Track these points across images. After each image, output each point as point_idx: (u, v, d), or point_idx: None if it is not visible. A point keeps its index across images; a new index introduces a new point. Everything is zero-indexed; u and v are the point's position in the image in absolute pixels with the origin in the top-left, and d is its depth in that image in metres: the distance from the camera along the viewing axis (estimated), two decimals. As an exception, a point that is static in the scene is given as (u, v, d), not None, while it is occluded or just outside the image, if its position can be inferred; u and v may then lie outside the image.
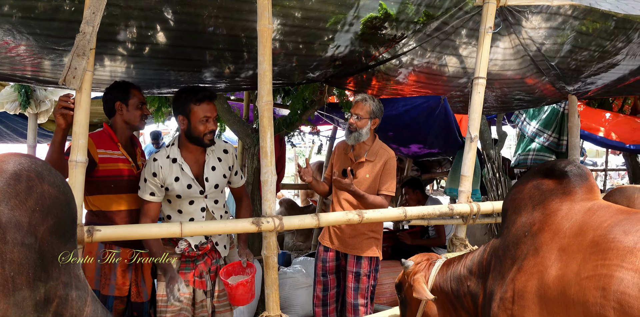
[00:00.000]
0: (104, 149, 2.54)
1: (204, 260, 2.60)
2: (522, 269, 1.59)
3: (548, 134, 4.95)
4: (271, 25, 2.10)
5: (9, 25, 2.10)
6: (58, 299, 1.25)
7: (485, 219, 2.90)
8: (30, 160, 1.26)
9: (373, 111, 3.00)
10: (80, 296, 1.35)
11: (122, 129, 2.65)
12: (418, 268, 2.18)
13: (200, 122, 2.44)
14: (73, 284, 1.33)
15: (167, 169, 2.47)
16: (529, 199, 1.72)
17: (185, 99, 2.44)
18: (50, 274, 1.23)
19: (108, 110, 2.65)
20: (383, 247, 4.84)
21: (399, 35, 2.78)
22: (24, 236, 1.14)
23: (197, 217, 2.58)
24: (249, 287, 2.41)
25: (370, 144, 3.08)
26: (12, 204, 1.15)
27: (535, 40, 2.99)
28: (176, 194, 2.51)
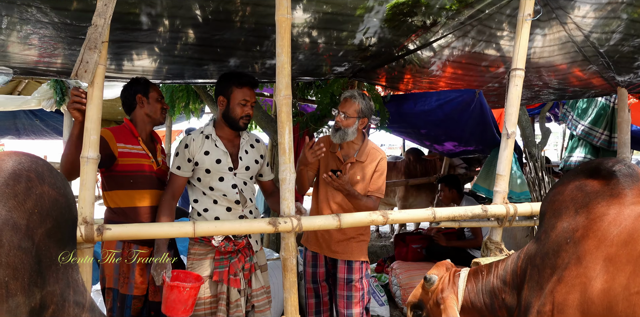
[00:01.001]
0: (124, 143, 2.51)
1: (238, 257, 2.53)
2: (563, 280, 1.41)
3: (599, 132, 4.63)
4: (289, 15, 1.99)
5: (28, 14, 2.07)
6: (54, 305, 1.19)
7: (523, 222, 2.68)
8: (31, 159, 1.21)
9: (362, 110, 2.77)
10: (78, 303, 1.29)
11: (143, 123, 2.65)
12: (442, 284, 1.96)
13: (239, 105, 2.53)
14: (71, 289, 1.27)
15: (199, 143, 2.53)
16: (571, 201, 1.52)
17: (228, 81, 2.55)
18: (47, 280, 1.17)
19: (128, 105, 2.66)
20: (416, 248, 4.71)
21: (430, 22, 2.61)
22: (21, 239, 1.08)
23: (229, 194, 2.51)
24: (185, 296, 2.19)
25: (360, 144, 2.86)
26: (10, 205, 1.10)
27: (581, 27, 2.76)
28: (205, 169, 2.50)
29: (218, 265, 2.50)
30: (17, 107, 5.06)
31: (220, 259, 2.50)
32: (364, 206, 2.67)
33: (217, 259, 2.50)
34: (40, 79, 5.07)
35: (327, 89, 3.75)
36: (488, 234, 4.29)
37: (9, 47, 2.48)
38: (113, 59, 2.81)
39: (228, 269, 2.50)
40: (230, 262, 2.51)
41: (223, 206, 2.52)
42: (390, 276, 4.40)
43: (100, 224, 1.79)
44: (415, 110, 3.68)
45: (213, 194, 2.52)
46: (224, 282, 2.48)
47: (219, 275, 2.48)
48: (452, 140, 4.30)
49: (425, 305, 2.03)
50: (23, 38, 2.35)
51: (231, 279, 2.49)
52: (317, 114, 4.03)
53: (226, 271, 2.49)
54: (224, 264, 2.50)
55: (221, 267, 2.49)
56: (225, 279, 2.48)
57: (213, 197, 2.52)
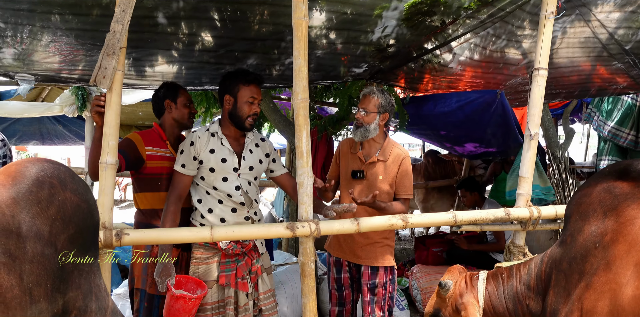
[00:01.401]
0: (152, 147, 2.57)
1: (245, 260, 2.49)
2: (592, 286, 1.35)
3: (626, 133, 4.50)
4: (306, 17, 1.97)
5: (48, 22, 2.10)
6: (76, 310, 1.21)
7: (547, 225, 2.61)
8: (53, 166, 1.23)
9: (382, 105, 2.68)
10: (100, 308, 1.31)
11: (171, 128, 2.71)
12: (460, 289, 1.88)
13: (246, 103, 2.46)
14: (93, 295, 1.28)
15: (204, 140, 2.47)
16: (599, 204, 1.46)
17: (234, 79, 2.48)
18: (69, 285, 1.19)
19: (157, 110, 2.73)
20: (437, 252, 4.64)
21: (449, 21, 2.57)
22: (44, 246, 1.10)
23: (234, 196, 2.46)
24: (189, 306, 2.18)
25: (382, 142, 2.76)
26: (33, 212, 1.11)
27: (605, 24, 2.68)
28: (210, 167, 2.44)
29: (224, 268, 2.44)
30: (41, 113, 5.15)
31: (226, 262, 2.44)
32: (392, 212, 2.56)
33: (223, 262, 2.44)
34: (63, 86, 5.15)
35: (345, 92, 3.72)
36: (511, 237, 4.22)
37: (30, 55, 2.53)
38: (131, 65, 2.84)
39: (235, 272, 2.44)
40: (237, 265, 2.45)
41: (228, 206, 2.46)
42: (410, 279, 4.34)
43: (119, 229, 1.80)
44: (435, 111, 3.63)
45: (217, 193, 2.46)
46: (231, 286, 2.42)
47: (225, 278, 2.41)
48: (473, 142, 4.22)
49: (444, 313, 1.94)
50: (44, 46, 2.39)
51: (239, 283, 2.43)
52: (335, 116, 4.01)
53: (233, 274, 2.43)
54: (231, 267, 2.44)
55: (228, 271, 2.43)
56: (232, 283, 2.42)
57: (218, 197, 2.46)
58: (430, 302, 2.02)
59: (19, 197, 1.10)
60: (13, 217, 1.06)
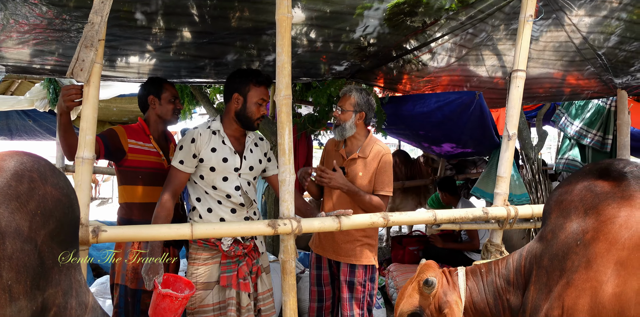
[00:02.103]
0: (135, 140, 2.56)
1: (245, 260, 2.44)
2: (573, 283, 1.38)
3: (593, 134, 4.62)
4: (290, 14, 1.96)
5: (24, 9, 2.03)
6: (56, 307, 1.18)
7: (523, 224, 2.66)
8: (33, 159, 1.19)
9: (358, 103, 2.71)
10: (81, 304, 1.28)
11: (156, 123, 2.69)
12: (443, 287, 1.85)
13: (255, 104, 2.43)
14: (73, 291, 1.25)
15: (206, 138, 2.41)
16: (580, 201, 1.49)
17: (246, 78, 2.43)
18: (49, 282, 1.15)
19: (142, 105, 2.70)
20: (413, 250, 4.68)
21: (429, 22, 2.59)
22: (24, 242, 1.07)
23: (234, 196, 2.42)
24: (176, 306, 2.12)
25: (363, 140, 2.78)
26: (12, 206, 1.08)
27: (580, 28, 2.75)
28: (210, 166, 2.39)
29: (225, 269, 2.39)
30: (10, 107, 4.98)
31: (227, 263, 2.40)
32: (368, 203, 2.60)
33: (224, 263, 2.40)
34: (34, 79, 5.00)
35: (325, 90, 3.71)
36: (486, 236, 4.28)
37: (1, 42, 2.43)
38: (107, 57, 2.77)
39: (237, 273, 2.39)
40: (239, 265, 2.41)
41: (228, 207, 2.43)
42: (387, 278, 4.37)
43: (95, 225, 1.75)
44: (414, 112, 3.66)
45: (216, 193, 2.42)
46: (232, 286, 2.37)
47: (227, 279, 2.37)
48: (451, 142, 4.28)
49: (425, 311, 1.88)
50: (17, 34, 2.30)
51: (241, 283, 2.39)
52: (315, 115, 4.00)
53: (235, 275, 2.39)
54: (232, 268, 2.40)
55: (229, 272, 2.39)
56: (234, 284, 2.37)
57: (217, 198, 2.42)
58: (409, 300, 1.93)
59: None
60: None
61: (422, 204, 6.19)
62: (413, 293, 1.94)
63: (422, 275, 1.93)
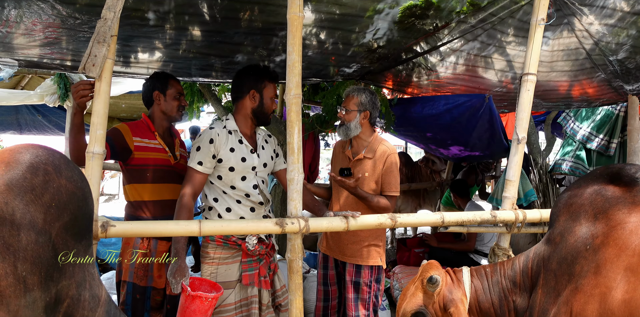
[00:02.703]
0: (140, 138, 2.52)
1: (265, 258, 2.46)
2: (581, 289, 1.37)
3: (600, 138, 4.59)
4: (302, 13, 1.96)
5: (36, 7, 2.04)
6: (69, 299, 1.19)
7: (531, 228, 2.64)
8: (47, 152, 1.20)
9: (362, 103, 2.73)
10: (94, 296, 1.28)
11: (160, 120, 2.65)
12: (448, 285, 1.83)
13: (271, 100, 2.48)
14: (87, 283, 1.26)
15: (224, 139, 2.39)
16: (590, 205, 1.48)
17: (261, 75, 2.45)
18: (63, 274, 1.16)
19: (146, 101, 2.66)
20: (418, 253, 4.66)
21: (441, 25, 2.58)
22: (38, 234, 1.08)
23: (252, 195, 2.41)
24: (205, 307, 2.10)
25: (368, 140, 2.78)
26: (27, 198, 1.09)
27: (592, 34, 2.73)
28: (229, 167, 2.38)
29: (247, 268, 2.38)
30: (20, 102, 5.01)
31: (248, 262, 2.39)
32: (376, 206, 2.60)
33: (245, 262, 2.39)
34: (44, 74, 5.03)
35: (334, 91, 3.71)
36: (492, 240, 4.26)
37: (14, 39, 2.45)
38: (119, 54, 2.78)
39: (258, 271, 2.40)
40: (260, 264, 2.41)
41: (247, 206, 2.42)
42: (392, 280, 4.36)
43: (104, 220, 1.76)
44: (423, 113, 3.65)
45: (235, 193, 2.40)
46: (254, 284, 2.38)
47: (249, 278, 2.37)
48: (459, 145, 4.26)
49: (429, 310, 1.85)
50: (29, 31, 2.32)
51: (262, 281, 2.40)
52: (323, 116, 4.00)
53: (256, 273, 2.39)
54: (254, 267, 2.40)
55: (251, 270, 2.39)
56: (256, 282, 2.38)
57: (235, 197, 2.41)
58: (413, 299, 1.91)
59: (12, 183, 1.07)
60: (7, 204, 1.03)
61: (422, 205, 6.19)
62: (416, 292, 1.91)
63: (425, 274, 1.90)
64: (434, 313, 1.85)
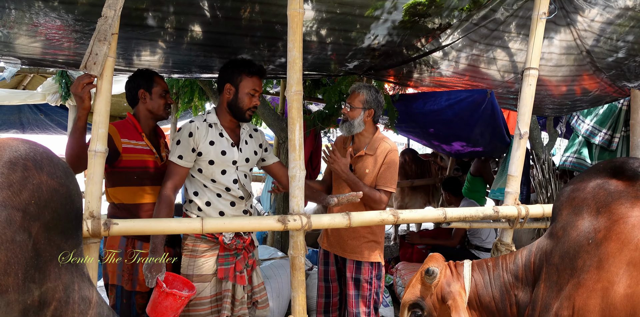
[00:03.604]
0: (128, 139, 2.45)
1: (242, 254, 2.46)
2: (583, 284, 1.37)
3: (603, 132, 4.58)
4: (302, 9, 1.95)
5: (37, 8, 2.04)
6: (56, 302, 1.13)
7: (533, 224, 2.64)
8: (28, 147, 1.15)
9: (367, 101, 2.73)
10: (84, 298, 1.24)
11: (146, 119, 2.58)
12: (446, 277, 1.83)
13: (247, 95, 2.42)
14: (76, 285, 1.21)
15: (203, 132, 2.39)
16: (593, 199, 1.48)
17: (238, 68, 2.41)
18: (47, 275, 1.11)
19: (131, 99, 2.59)
20: (421, 249, 4.67)
21: (444, 24, 2.57)
22: (15, 232, 1.03)
23: (232, 189, 2.42)
24: (177, 304, 2.10)
25: (370, 137, 2.79)
26: (3, 195, 1.04)
27: (594, 33, 2.71)
28: (209, 160, 2.38)
29: (223, 262, 2.40)
30: (22, 101, 5.03)
31: (225, 256, 2.41)
32: (368, 195, 2.58)
33: (222, 256, 2.41)
34: (46, 74, 5.04)
35: (335, 87, 3.71)
36: (491, 235, 4.26)
37: (17, 39, 2.45)
38: (118, 52, 2.77)
39: (234, 266, 2.41)
40: (236, 258, 2.43)
41: (227, 200, 2.43)
42: (395, 276, 4.36)
43: (107, 219, 1.76)
44: (425, 109, 3.65)
45: (215, 186, 2.41)
46: (229, 279, 2.39)
47: (224, 272, 2.39)
48: (461, 141, 4.25)
49: (427, 302, 1.87)
50: (31, 31, 2.33)
51: (237, 276, 2.41)
52: (325, 112, 3.99)
53: (232, 267, 2.41)
54: (230, 261, 2.41)
55: (226, 264, 2.40)
56: (231, 276, 2.39)
57: (216, 191, 2.41)
58: (412, 290, 1.93)
59: None
60: None
61: (431, 202, 6.18)
62: (416, 283, 1.94)
63: (425, 266, 1.92)
64: (431, 305, 1.85)
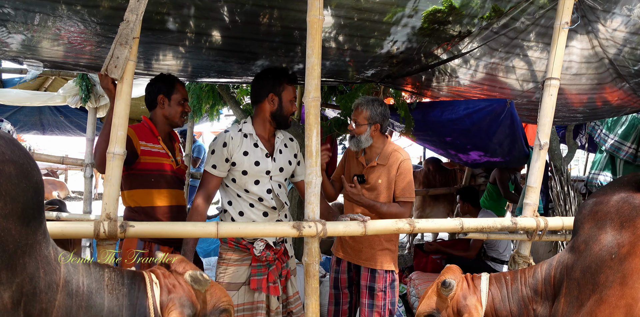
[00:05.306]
0: (145, 142, 2.48)
1: (275, 264, 2.43)
2: (606, 300, 1.33)
3: (627, 146, 4.50)
4: (322, 16, 1.96)
5: (59, 11, 2.07)
6: (25, 297, 1.03)
7: (552, 236, 2.59)
8: None
9: (371, 116, 2.72)
10: (51, 284, 1.11)
11: (162, 124, 2.61)
12: (462, 290, 1.80)
13: (290, 102, 2.46)
14: (41, 271, 1.08)
15: (237, 142, 2.39)
16: (617, 213, 1.44)
17: (279, 77, 2.44)
18: (15, 270, 0.99)
19: (149, 102, 2.62)
20: (436, 259, 4.61)
21: (464, 31, 2.55)
22: None
23: (265, 200, 2.41)
24: None
25: (381, 147, 2.78)
26: None
27: (617, 42, 2.67)
28: (242, 170, 2.37)
29: (256, 272, 2.38)
30: (43, 103, 5.11)
31: (257, 266, 2.39)
32: (387, 213, 2.58)
33: (254, 266, 2.39)
34: (67, 76, 5.12)
35: (353, 94, 3.70)
36: (509, 248, 4.20)
37: (40, 42, 2.50)
38: (138, 56, 2.80)
39: (267, 277, 2.38)
40: (269, 269, 2.40)
41: (260, 210, 2.42)
42: (408, 286, 4.31)
43: (124, 221, 1.77)
44: (442, 118, 3.61)
45: (248, 196, 2.41)
46: (262, 290, 2.37)
47: (257, 283, 2.36)
48: (478, 150, 4.21)
49: (441, 315, 1.84)
50: (54, 34, 2.36)
51: (270, 287, 2.38)
52: (341, 119, 3.99)
53: (265, 278, 2.38)
54: (262, 272, 2.39)
55: (259, 275, 2.38)
56: (264, 287, 2.37)
57: (249, 200, 2.41)
58: (427, 301, 1.90)
59: None
60: None
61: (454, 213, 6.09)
62: (431, 295, 1.90)
63: (441, 277, 1.88)
64: (451, 315, 1.82)
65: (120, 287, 1.32)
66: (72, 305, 1.17)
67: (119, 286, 1.32)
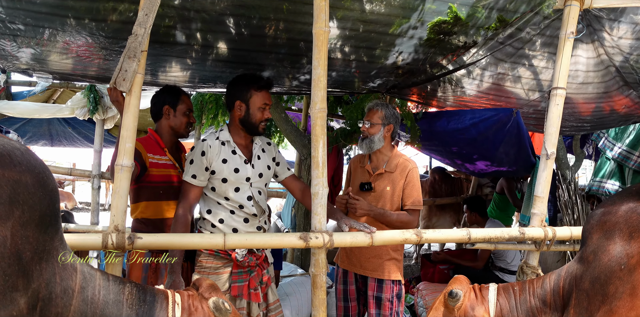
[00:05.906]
0: (153, 154, 2.50)
1: (256, 271, 2.44)
2: (616, 311, 1.31)
3: (636, 156, 4.47)
4: (327, 28, 1.97)
5: (68, 26, 2.11)
6: (41, 302, 1.05)
7: (560, 246, 2.57)
8: None
9: (386, 116, 2.72)
10: (66, 290, 1.13)
11: (168, 135, 2.63)
12: (470, 301, 1.79)
13: (259, 110, 2.41)
14: (57, 277, 1.10)
15: (216, 150, 2.37)
16: (625, 223, 1.42)
17: (246, 84, 2.41)
18: (31, 277, 1.01)
19: (155, 113, 2.64)
20: (443, 269, 4.58)
21: (469, 42, 2.57)
22: None
23: (246, 207, 2.40)
24: None
25: (389, 154, 2.78)
26: None
27: (623, 50, 2.67)
28: (222, 178, 2.36)
29: (237, 279, 2.38)
30: (52, 114, 5.16)
31: (238, 273, 2.38)
32: (397, 221, 2.58)
33: (235, 273, 2.38)
34: (75, 89, 5.18)
35: (359, 105, 3.72)
36: (517, 258, 4.16)
37: (49, 56, 2.53)
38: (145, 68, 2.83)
39: (248, 283, 2.39)
40: (250, 275, 2.40)
41: (240, 216, 2.41)
42: (415, 296, 4.28)
43: (132, 233, 1.78)
44: (448, 128, 3.62)
45: (229, 204, 2.40)
46: (243, 297, 2.36)
47: (238, 289, 2.36)
48: (485, 160, 4.19)
49: None
50: (63, 48, 2.40)
51: (252, 294, 2.38)
52: (347, 129, 4.00)
53: (246, 285, 2.38)
54: (243, 278, 2.39)
55: (240, 281, 2.38)
56: (245, 294, 2.37)
57: (229, 208, 2.40)
58: (435, 312, 1.87)
59: None
60: None
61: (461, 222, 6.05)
62: (439, 306, 1.88)
63: (449, 288, 1.86)
64: None
65: (141, 303, 1.34)
66: (87, 311, 1.19)
67: (140, 302, 1.34)
